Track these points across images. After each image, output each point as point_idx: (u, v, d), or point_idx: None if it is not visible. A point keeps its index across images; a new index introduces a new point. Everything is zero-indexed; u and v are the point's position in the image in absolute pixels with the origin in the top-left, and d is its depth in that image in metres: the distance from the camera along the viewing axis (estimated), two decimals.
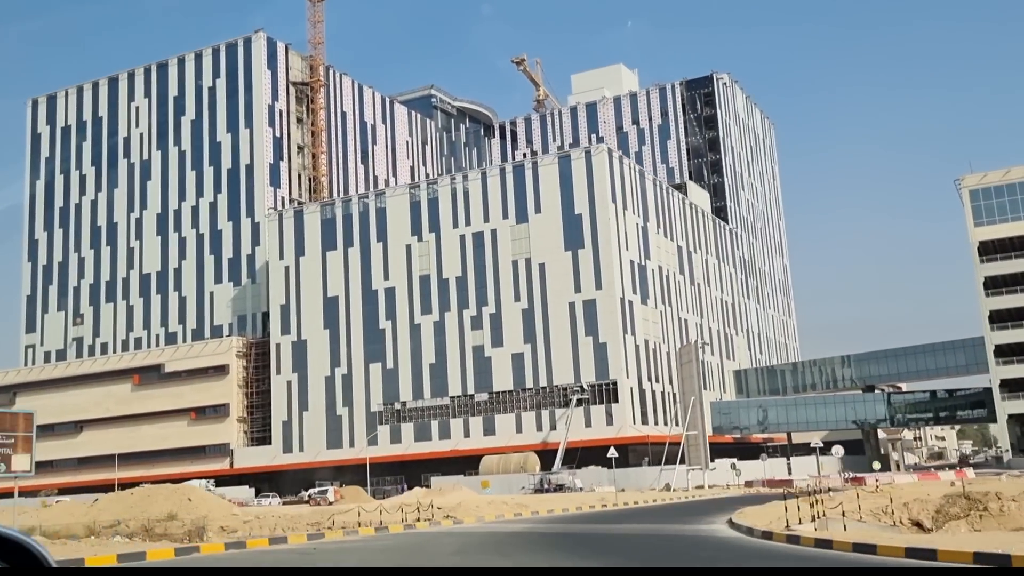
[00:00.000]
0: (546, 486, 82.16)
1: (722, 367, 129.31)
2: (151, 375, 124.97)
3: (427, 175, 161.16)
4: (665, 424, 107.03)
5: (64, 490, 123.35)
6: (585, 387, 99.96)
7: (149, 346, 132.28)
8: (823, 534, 24.08)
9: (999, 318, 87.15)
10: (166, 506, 38.58)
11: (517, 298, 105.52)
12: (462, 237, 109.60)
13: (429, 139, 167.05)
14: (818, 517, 26.38)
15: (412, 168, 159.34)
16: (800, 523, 26.45)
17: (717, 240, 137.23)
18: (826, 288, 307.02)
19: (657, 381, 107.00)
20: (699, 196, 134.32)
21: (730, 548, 23.89)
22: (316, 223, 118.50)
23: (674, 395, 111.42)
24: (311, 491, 77.98)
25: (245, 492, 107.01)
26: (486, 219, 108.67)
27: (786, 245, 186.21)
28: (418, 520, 36.81)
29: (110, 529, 34.55)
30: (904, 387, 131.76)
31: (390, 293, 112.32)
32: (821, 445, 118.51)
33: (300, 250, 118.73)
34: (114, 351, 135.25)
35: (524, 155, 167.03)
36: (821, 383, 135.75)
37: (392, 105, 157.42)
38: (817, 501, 27.25)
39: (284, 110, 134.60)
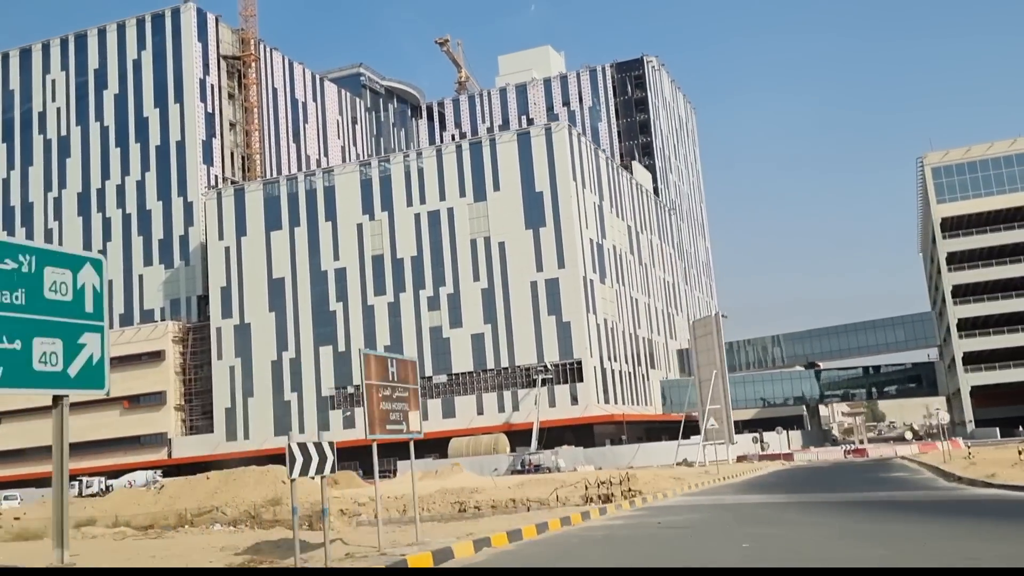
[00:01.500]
0: (525, 467, 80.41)
1: (667, 346, 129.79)
2: None
3: (357, 155, 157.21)
4: (624, 403, 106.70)
5: None
6: (549, 367, 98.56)
7: None
8: None
9: (961, 292, 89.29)
10: (258, 490, 35.35)
11: (476, 278, 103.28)
12: (417, 216, 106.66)
13: (359, 118, 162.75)
14: None
15: (343, 148, 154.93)
16: None
17: (659, 220, 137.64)
18: (742, 271, 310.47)
19: (615, 360, 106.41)
20: (643, 176, 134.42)
21: None
22: (259, 202, 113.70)
23: (631, 374, 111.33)
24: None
25: None
26: (442, 197, 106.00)
27: (707, 228, 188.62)
28: (591, 500, 33.43)
29: (204, 517, 31.33)
30: (825, 364, 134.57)
31: (340, 274, 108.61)
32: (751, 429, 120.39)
33: (241, 230, 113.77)
34: None
35: (452, 136, 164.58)
36: (755, 362, 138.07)
37: (322, 83, 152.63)
38: None
39: (215, 85, 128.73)
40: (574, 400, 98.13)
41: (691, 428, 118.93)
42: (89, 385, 11.94)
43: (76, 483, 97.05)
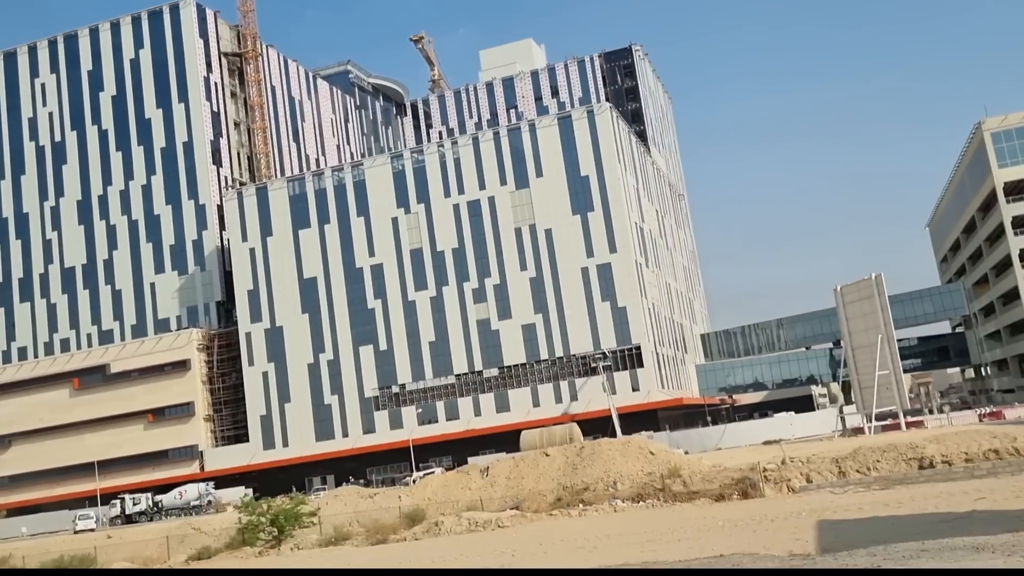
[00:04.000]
0: None
1: (692, 330, 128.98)
2: (94, 377, 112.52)
3: (351, 154, 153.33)
4: (671, 388, 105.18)
5: None
6: (607, 354, 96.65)
7: (79, 347, 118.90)
8: None
9: None
10: (630, 463, 32.72)
11: (523, 267, 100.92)
12: (456, 207, 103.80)
13: (350, 117, 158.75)
14: None
15: (338, 146, 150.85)
16: None
17: (672, 205, 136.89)
18: (721, 259, 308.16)
19: (663, 345, 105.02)
20: (661, 161, 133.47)
21: None
22: (283, 200, 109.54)
23: (672, 359, 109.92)
24: (416, 475, 70.54)
25: (239, 492, 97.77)
26: (482, 186, 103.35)
27: (691, 216, 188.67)
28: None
29: (591, 493, 28.65)
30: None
31: (377, 270, 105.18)
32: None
33: (267, 230, 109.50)
34: (34, 355, 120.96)
35: (440, 133, 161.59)
36: (765, 345, 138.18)
37: (315, 81, 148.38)
38: None
39: (219, 83, 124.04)
40: (635, 386, 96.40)
41: (718, 410, 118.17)
42: None
43: (117, 501, 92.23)
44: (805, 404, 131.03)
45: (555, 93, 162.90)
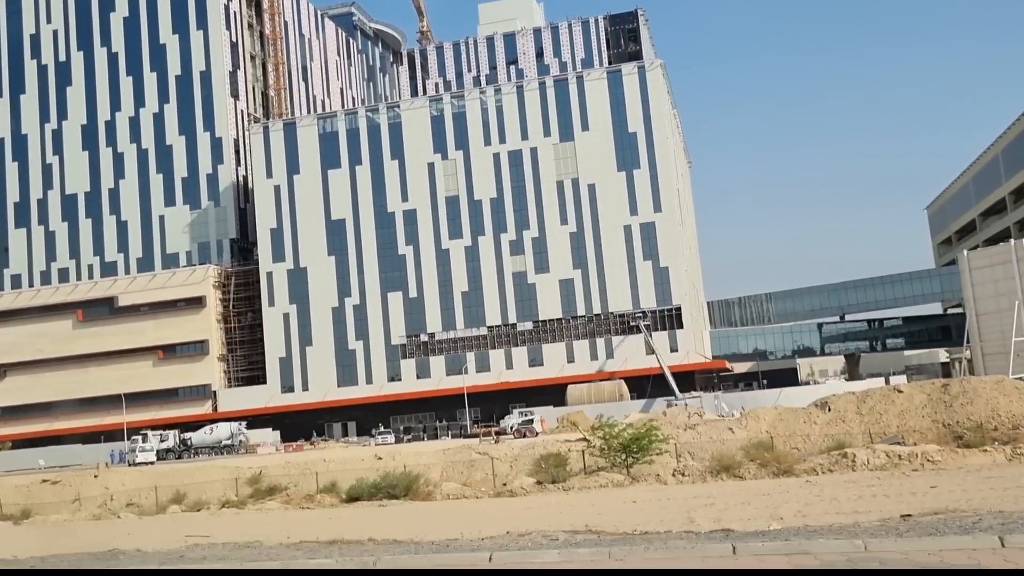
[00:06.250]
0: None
1: (702, 296, 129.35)
2: (100, 310, 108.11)
3: (353, 99, 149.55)
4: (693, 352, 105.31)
5: None
6: (647, 313, 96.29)
7: (79, 278, 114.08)
8: None
9: None
10: (1005, 403, 31.32)
11: (564, 221, 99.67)
12: (496, 156, 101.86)
13: (353, 60, 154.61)
14: None
15: (341, 89, 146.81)
16: None
17: (685, 169, 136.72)
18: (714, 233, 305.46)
19: (693, 307, 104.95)
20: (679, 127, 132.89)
21: None
22: (313, 138, 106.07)
23: (698, 322, 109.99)
24: (512, 422, 68.63)
25: (270, 435, 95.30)
26: (524, 136, 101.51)
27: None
28: None
29: (988, 433, 27.40)
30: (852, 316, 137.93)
31: (410, 215, 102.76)
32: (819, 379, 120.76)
33: (293, 168, 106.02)
34: (29, 284, 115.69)
35: (436, 85, 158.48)
36: (755, 317, 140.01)
37: (323, 20, 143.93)
38: None
39: (238, 12, 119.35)
40: (674, 347, 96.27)
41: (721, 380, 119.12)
42: None
43: (138, 437, 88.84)
44: (790, 376, 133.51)
45: (556, 53, 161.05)
